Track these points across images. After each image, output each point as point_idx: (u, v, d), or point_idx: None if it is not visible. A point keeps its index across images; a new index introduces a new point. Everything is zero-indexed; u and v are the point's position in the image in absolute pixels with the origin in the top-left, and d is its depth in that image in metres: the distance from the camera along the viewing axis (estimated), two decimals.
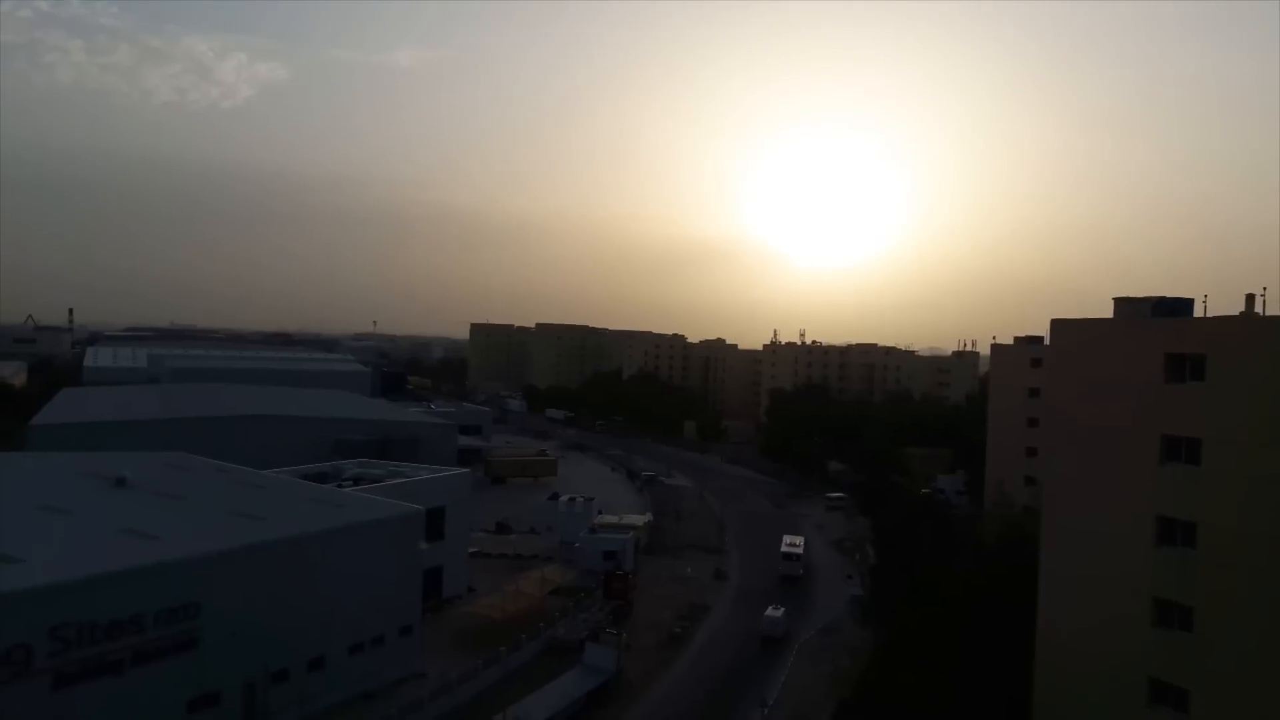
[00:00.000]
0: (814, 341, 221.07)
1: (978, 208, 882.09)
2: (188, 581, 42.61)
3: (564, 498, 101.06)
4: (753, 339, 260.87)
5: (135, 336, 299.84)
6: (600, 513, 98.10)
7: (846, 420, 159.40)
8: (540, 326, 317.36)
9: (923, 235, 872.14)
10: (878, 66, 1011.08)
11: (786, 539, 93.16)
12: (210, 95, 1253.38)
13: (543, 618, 66.13)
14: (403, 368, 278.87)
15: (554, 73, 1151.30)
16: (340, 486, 68.85)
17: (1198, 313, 39.71)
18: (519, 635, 61.44)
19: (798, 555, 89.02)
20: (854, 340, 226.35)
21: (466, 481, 77.74)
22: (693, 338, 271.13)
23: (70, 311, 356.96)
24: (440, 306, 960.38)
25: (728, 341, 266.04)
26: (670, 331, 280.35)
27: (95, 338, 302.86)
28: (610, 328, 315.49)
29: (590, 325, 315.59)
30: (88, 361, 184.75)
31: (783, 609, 72.36)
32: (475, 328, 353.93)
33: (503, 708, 49.97)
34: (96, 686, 38.06)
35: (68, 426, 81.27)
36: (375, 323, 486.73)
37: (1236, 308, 40.17)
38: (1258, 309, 39.79)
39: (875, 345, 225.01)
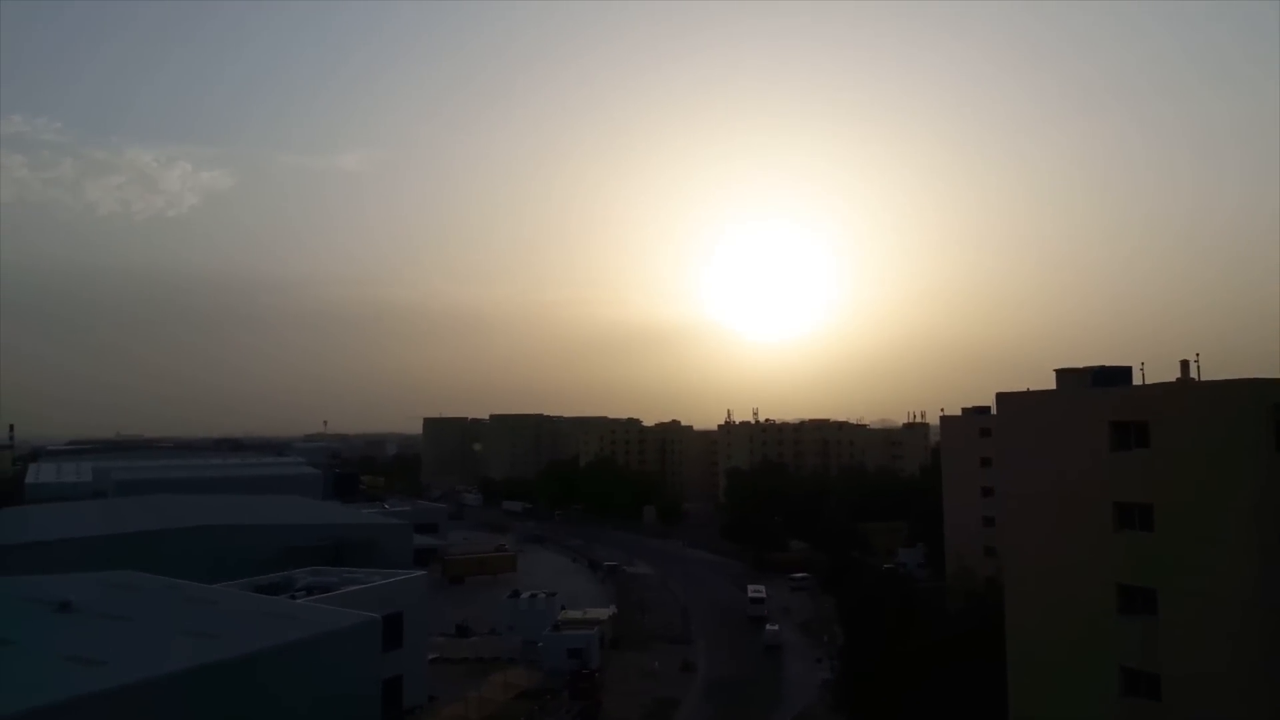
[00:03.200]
0: (768, 419, 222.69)
1: (921, 281, 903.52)
2: (137, 708, 40.83)
3: (525, 595, 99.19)
4: (707, 419, 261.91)
5: (80, 450, 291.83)
6: (563, 608, 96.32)
7: (805, 497, 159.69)
8: (494, 418, 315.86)
9: (869, 308, 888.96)
10: (820, 141, 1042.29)
11: (750, 588, 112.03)
12: (155, 205, 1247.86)
13: None
14: (355, 467, 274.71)
15: (497, 164, 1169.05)
16: (294, 597, 66.92)
17: (1136, 380, 40.85)
18: None
19: (761, 599, 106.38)
20: (807, 416, 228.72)
21: (422, 584, 75.97)
22: (648, 421, 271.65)
23: (11, 427, 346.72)
24: (392, 403, 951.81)
25: (683, 423, 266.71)
26: (625, 415, 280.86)
27: (38, 453, 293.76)
28: (565, 415, 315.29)
29: (544, 414, 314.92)
30: (29, 478, 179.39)
31: (778, 625, 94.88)
32: (428, 422, 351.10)
33: None
34: None
35: (7, 548, 78.23)
36: (326, 423, 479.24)
37: (1172, 373, 41.40)
38: (1192, 374, 41.05)
39: (828, 420, 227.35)
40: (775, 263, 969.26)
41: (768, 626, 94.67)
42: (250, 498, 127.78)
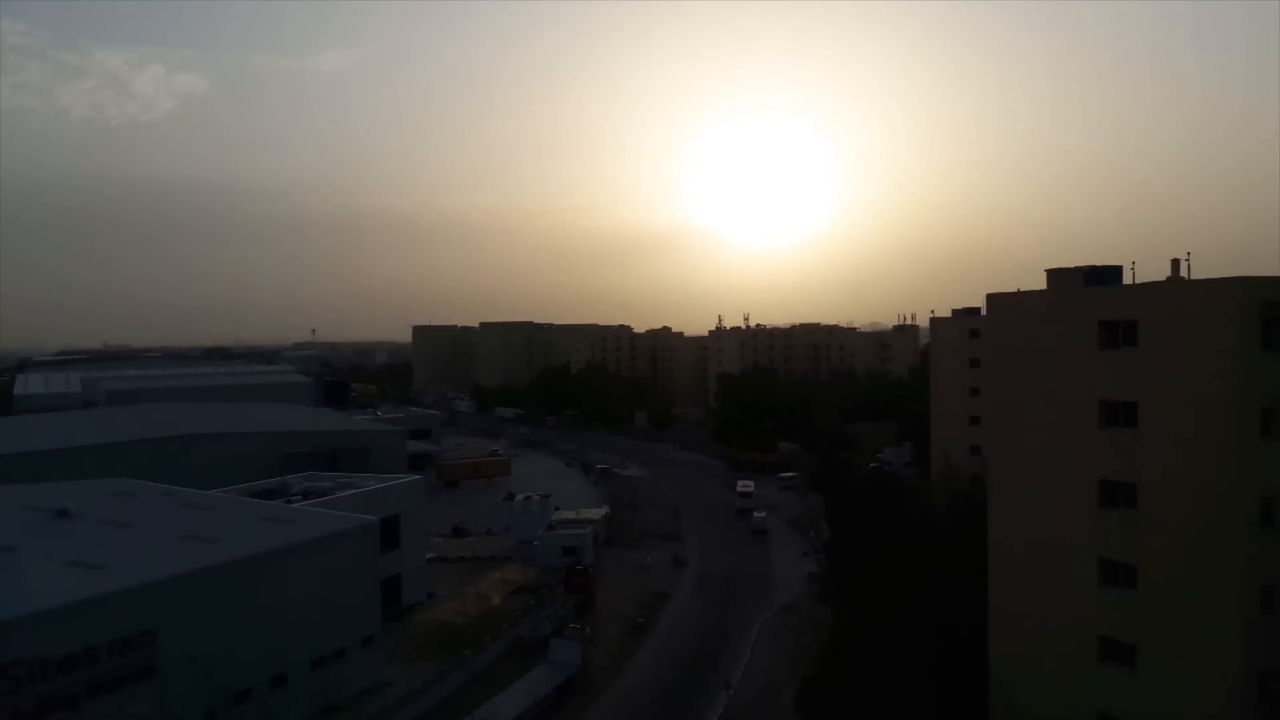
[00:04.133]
0: (758, 324, 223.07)
1: (912, 183, 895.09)
2: (141, 610, 41.83)
3: (519, 497, 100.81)
4: (698, 325, 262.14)
5: (67, 360, 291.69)
6: (557, 509, 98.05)
7: (794, 400, 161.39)
8: (484, 325, 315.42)
9: (859, 212, 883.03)
10: (809, 47, 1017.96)
11: (740, 483, 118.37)
12: (129, 110, 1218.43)
13: (505, 618, 66.07)
14: (346, 375, 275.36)
15: (482, 67, 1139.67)
16: (290, 502, 67.96)
17: (1126, 279, 40.87)
18: (482, 637, 61.38)
19: (750, 493, 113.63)
20: (797, 320, 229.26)
21: (419, 488, 77.20)
22: (639, 328, 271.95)
23: None
24: (381, 310, 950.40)
25: (673, 329, 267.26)
26: (616, 323, 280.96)
27: (24, 364, 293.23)
28: (555, 322, 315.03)
29: (535, 321, 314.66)
30: (18, 389, 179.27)
31: (765, 513, 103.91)
32: (418, 330, 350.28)
33: (470, 710, 49.98)
34: None
35: (1, 459, 78.83)
36: (314, 331, 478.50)
37: (1163, 273, 41.40)
38: (1182, 273, 41.06)
39: (818, 324, 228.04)
40: (766, 169, 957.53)
41: (755, 514, 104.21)
42: (243, 405, 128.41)
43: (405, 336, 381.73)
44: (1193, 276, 40.23)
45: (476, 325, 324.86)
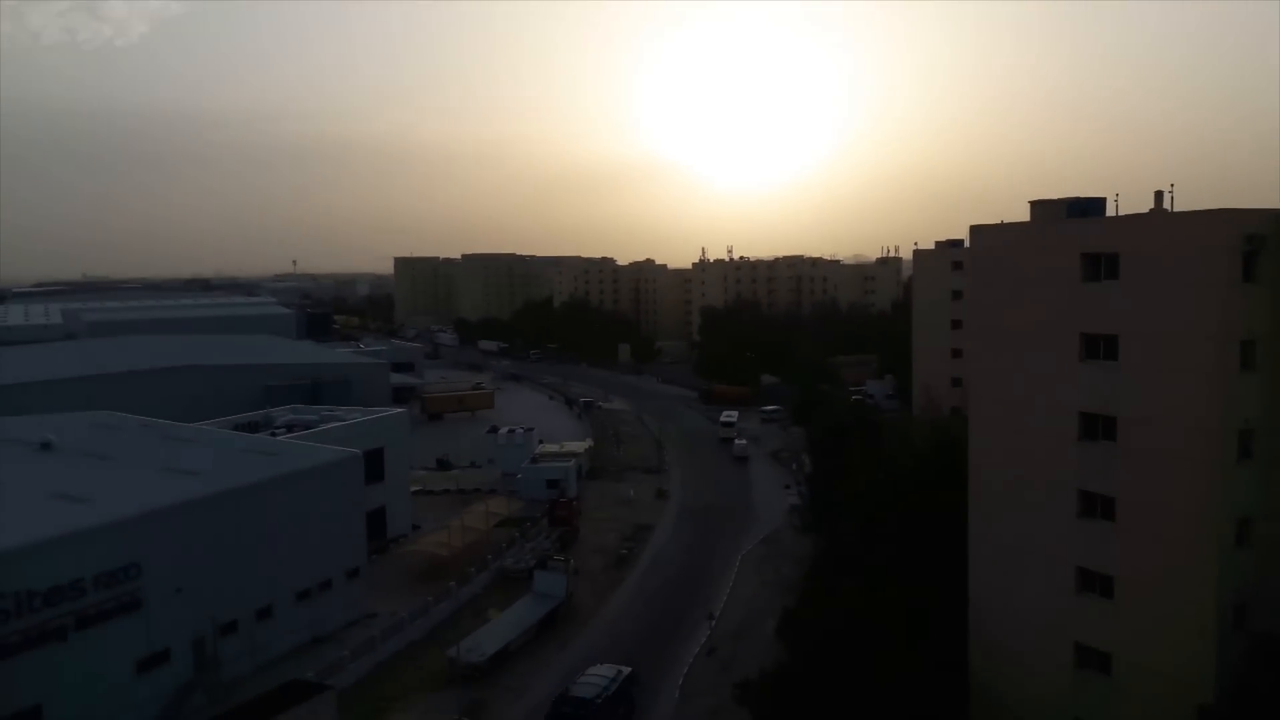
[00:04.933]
0: (741, 257, 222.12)
1: (897, 115, 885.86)
2: (126, 542, 41.99)
3: (503, 429, 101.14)
4: (682, 258, 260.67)
5: (46, 292, 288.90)
6: (541, 442, 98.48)
7: (777, 333, 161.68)
8: (466, 257, 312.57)
9: (845, 145, 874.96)
10: None
11: (724, 413, 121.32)
12: (103, 33, 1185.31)
13: (490, 549, 66.71)
14: (328, 307, 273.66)
15: None
16: (273, 435, 67.99)
17: (1110, 212, 40.68)
18: (468, 568, 62.03)
19: (733, 423, 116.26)
20: (781, 253, 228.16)
21: (403, 421, 77.33)
22: (622, 260, 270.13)
23: None
24: (362, 242, 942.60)
25: (657, 262, 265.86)
26: (599, 254, 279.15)
27: (3, 295, 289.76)
28: (538, 254, 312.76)
29: (518, 253, 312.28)
30: None
31: (746, 441, 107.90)
32: (400, 262, 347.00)
33: (456, 640, 50.69)
34: (41, 654, 37.66)
35: None
36: (295, 262, 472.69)
37: (1147, 205, 41.21)
38: (1166, 206, 40.89)
39: (802, 257, 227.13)
40: (753, 102, 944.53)
41: (736, 441, 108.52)
42: (225, 338, 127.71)
43: (387, 268, 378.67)
44: (1175, 209, 40.09)
45: (458, 257, 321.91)
